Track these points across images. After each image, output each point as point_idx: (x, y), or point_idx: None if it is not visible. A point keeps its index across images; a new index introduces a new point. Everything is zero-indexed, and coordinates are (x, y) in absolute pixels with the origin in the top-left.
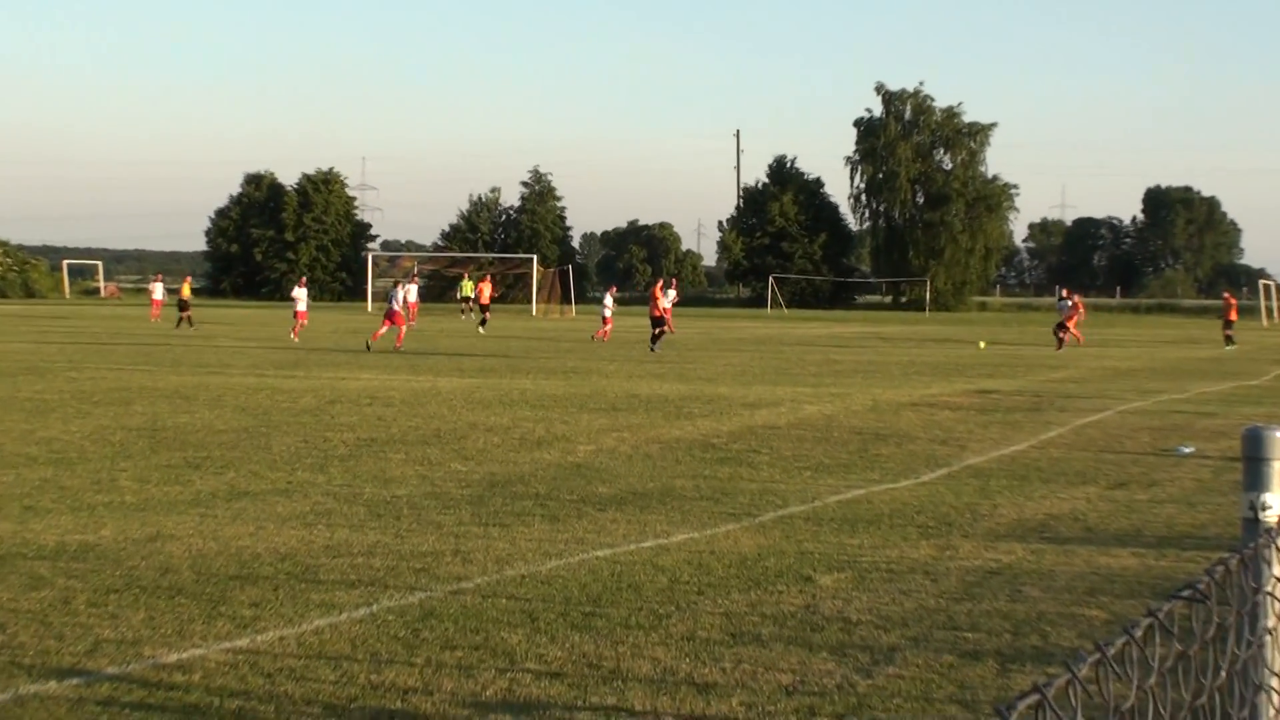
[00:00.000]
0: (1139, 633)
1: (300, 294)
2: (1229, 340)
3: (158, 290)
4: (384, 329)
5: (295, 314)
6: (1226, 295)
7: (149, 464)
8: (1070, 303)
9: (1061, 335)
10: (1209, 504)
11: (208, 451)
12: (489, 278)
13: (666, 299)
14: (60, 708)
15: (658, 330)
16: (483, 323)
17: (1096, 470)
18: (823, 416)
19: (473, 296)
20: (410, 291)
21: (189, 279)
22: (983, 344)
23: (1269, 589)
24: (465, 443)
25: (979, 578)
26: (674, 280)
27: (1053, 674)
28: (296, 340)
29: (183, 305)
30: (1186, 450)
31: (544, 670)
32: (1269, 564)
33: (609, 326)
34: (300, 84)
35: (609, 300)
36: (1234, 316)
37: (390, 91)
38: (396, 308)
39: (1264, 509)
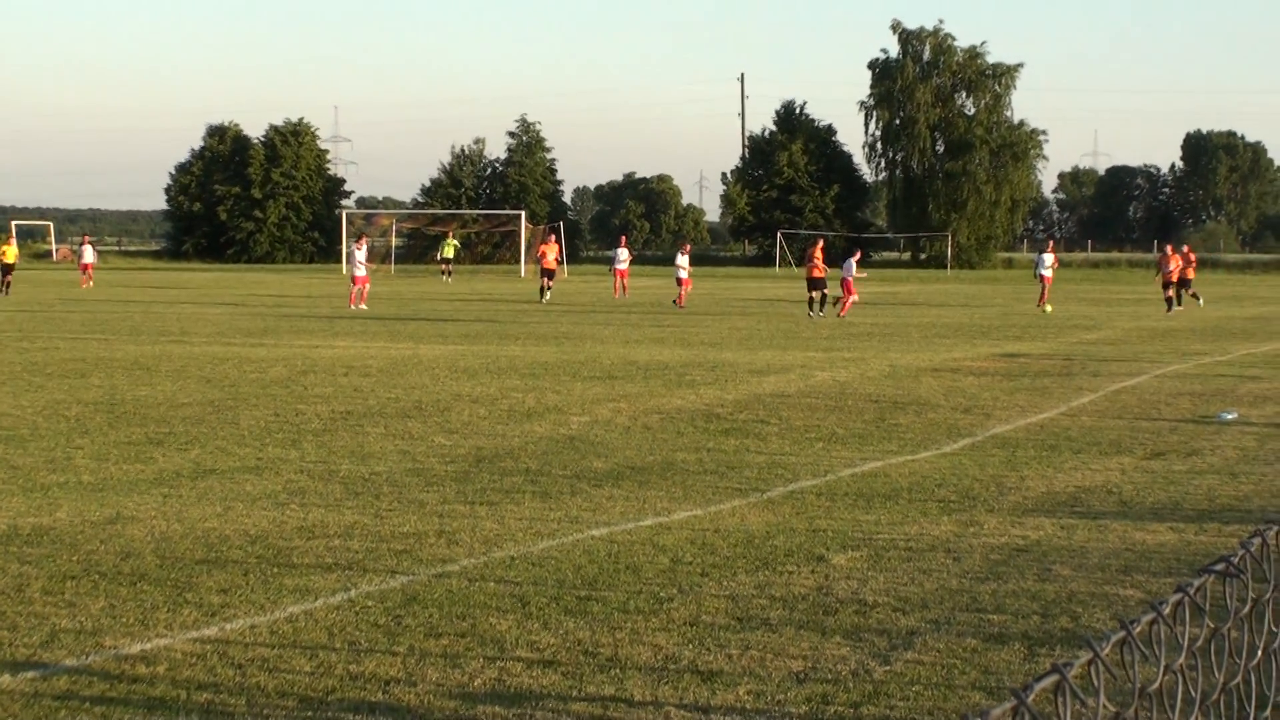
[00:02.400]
0: (1167, 609)
1: (359, 255)
2: (1171, 302)
3: (87, 253)
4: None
5: (353, 279)
6: (1169, 249)
7: (107, 440)
8: (1051, 258)
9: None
10: (1253, 474)
11: (170, 427)
12: (553, 239)
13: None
14: (14, 703)
15: (815, 294)
16: (544, 290)
17: (1132, 439)
18: (836, 383)
19: (452, 258)
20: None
21: (12, 240)
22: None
23: None
24: (449, 415)
25: (1005, 556)
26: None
27: (1079, 656)
28: (364, 307)
29: (5, 269)
30: (1229, 417)
31: (536, 659)
32: None
33: (686, 289)
34: (266, 26)
35: (683, 260)
36: (1189, 274)
37: (364, 34)
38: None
39: None
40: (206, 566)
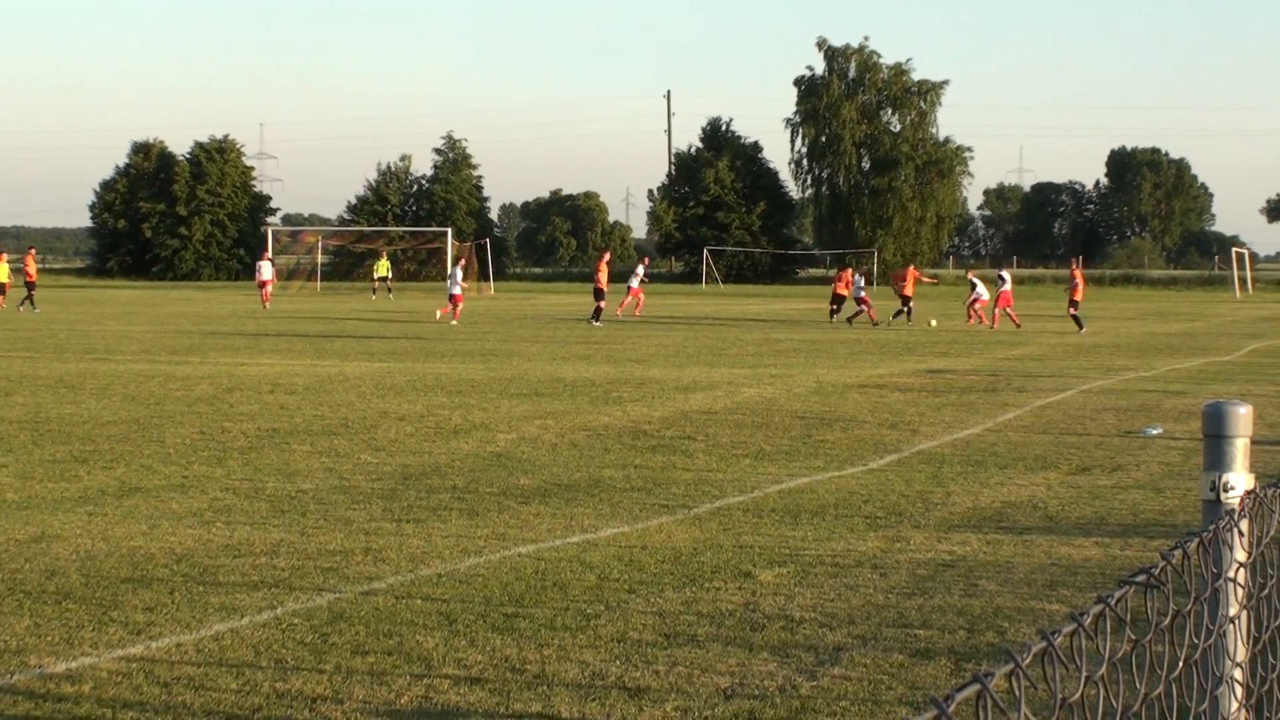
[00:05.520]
0: (1088, 621)
1: (457, 273)
2: (906, 314)
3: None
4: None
5: (451, 296)
6: (913, 268)
7: (31, 459)
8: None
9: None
10: (1177, 489)
11: (95, 444)
12: (608, 255)
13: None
14: None
15: (836, 307)
16: (595, 314)
17: (1057, 454)
18: (762, 400)
19: (387, 276)
20: (263, 269)
21: None
22: (933, 321)
23: (1230, 575)
24: (376, 432)
25: (931, 571)
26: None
27: (1003, 667)
28: (455, 322)
29: None
30: (1154, 432)
31: (463, 675)
32: (1230, 548)
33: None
34: (191, 43)
35: (640, 270)
36: (909, 292)
37: (289, 51)
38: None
39: (1225, 490)
40: (132, 585)
